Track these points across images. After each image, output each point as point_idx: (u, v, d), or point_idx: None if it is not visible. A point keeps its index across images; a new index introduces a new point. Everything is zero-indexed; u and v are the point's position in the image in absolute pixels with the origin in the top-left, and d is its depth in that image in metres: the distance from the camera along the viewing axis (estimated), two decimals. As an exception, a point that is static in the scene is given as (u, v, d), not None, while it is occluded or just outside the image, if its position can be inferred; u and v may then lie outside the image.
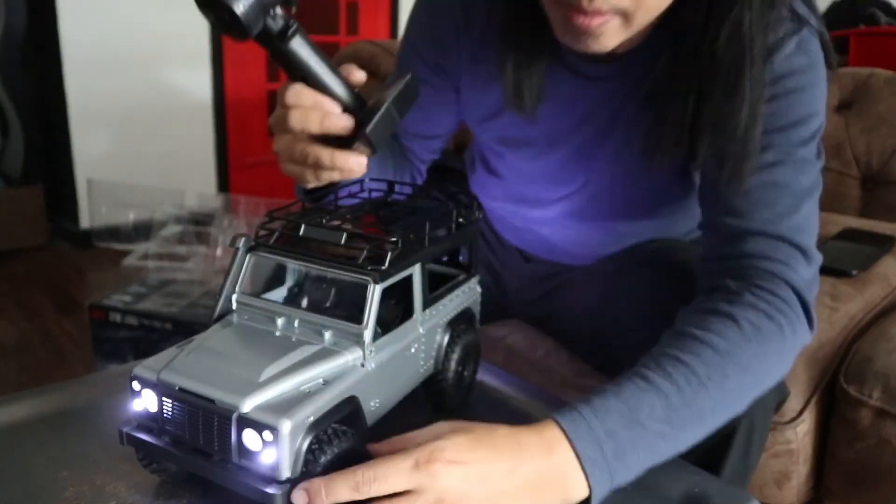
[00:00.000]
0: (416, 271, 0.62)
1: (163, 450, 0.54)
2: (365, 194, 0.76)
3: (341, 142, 0.65)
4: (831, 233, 1.31)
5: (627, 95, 0.81)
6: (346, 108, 0.65)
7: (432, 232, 0.64)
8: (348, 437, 0.54)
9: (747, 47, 0.68)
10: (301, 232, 0.61)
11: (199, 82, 3.18)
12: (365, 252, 0.58)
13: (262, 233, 0.63)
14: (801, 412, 0.99)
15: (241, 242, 0.61)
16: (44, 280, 2.67)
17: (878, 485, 0.99)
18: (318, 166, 0.66)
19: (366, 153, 0.66)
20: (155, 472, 0.58)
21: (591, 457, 0.56)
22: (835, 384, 1.02)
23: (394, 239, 0.59)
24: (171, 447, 0.54)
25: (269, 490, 0.50)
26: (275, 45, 0.61)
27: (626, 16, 0.66)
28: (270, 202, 2.10)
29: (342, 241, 0.59)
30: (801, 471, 1.02)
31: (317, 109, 0.64)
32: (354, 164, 0.65)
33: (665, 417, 0.60)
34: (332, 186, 0.75)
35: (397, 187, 0.77)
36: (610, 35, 0.68)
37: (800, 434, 1.00)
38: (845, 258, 1.20)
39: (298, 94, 0.64)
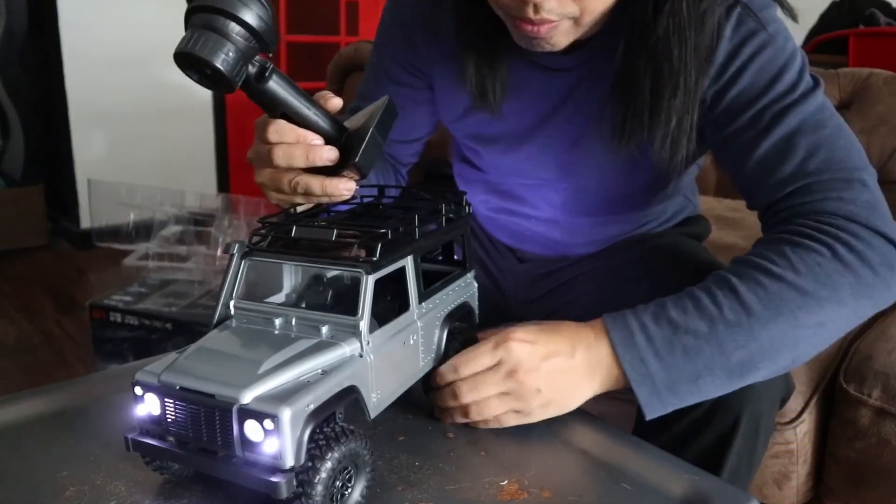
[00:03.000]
0: (408, 263, 0.63)
1: (168, 452, 0.55)
2: (356, 199, 0.76)
3: (328, 168, 0.67)
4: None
5: (592, 86, 0.82)
6: (328, 138, 0.66)
7: (423, 226, 0.65)
8: (351, 434, 0.54)
9: (684, 37, 0.70)
10: (293, 233, 0.62)
11: (199, 82, 3.19)
12: (356, 245, 0.58)
13: (256, 238, 0.63)
14: (800, 413, 1.00)
15: (236, 248, 0.62)
16: (44, 280, 2.67)
17: (878, 484, 0.99)
18: (308, 195, 0.68)
19: (354, 178, 0.67)
20: (158, 469, 0.58)
21: (624, 344, 0.67)
22: (835, 383, 1.03)
23: (383, 231, 0.60)
24: (177, 448, 0.54)
25: (274, 479, 0.51)
26: (252, 87, 0.62)
27: (574, 19, 0.69)
28: (270, 202, 2.09)
29: (333, 238, 0.60)
30: (800, 471, 1.02)
31: (301, 145, 0.65)
32: (345, 190, 0.67)
33: (697, 315, 0.66)
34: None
35: (388, 192, 0.78)
36: (561, 36, 0.71)
37: (799, 434, 1.00)
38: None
39: (280, 131, 0.65)
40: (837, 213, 0.68)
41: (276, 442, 0.50)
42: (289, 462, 0.51)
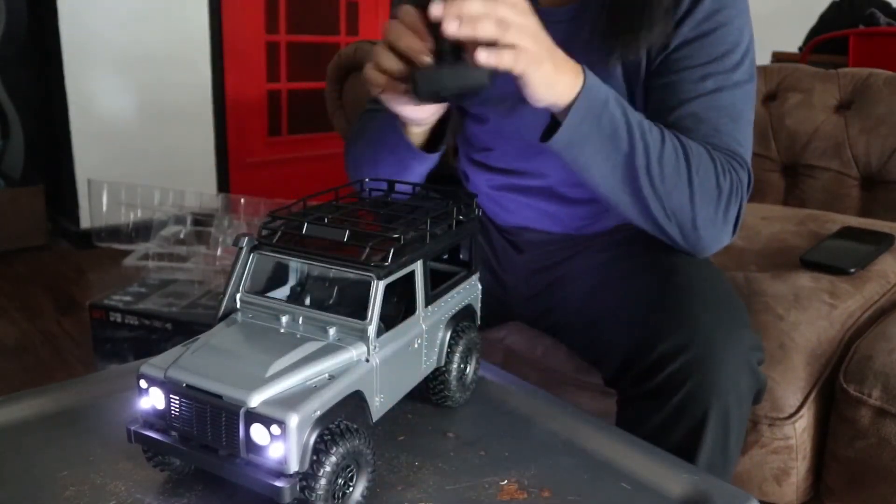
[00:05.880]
0: (418, 267, 0.63)
1: (170, 446, 0.55)
2: (365, 194, 0.76)
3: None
4: (830, 231, 1.31)
5: (588, 40, 0.90)
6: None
7: (433, 229, 0.65)
8: (354, 433, 0.54)
9: None
10: (304, 230, 0.62)
11: (199, 82, 3.18)
12: (367, 249, 0.58)
13: (265, 232, 0.63)
14: (799, 408, 1.00)
15: (245, 241, 0.62)
16: (44, 280, 2.67)
17: (878, 484, 0.99)
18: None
19: (411, 97, 0.74)
20: (158, 465, 0.58)
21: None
22: (834, 382, 1.03)
23: (396, 235, 0.60)
24: (179, 444, 0.54)
25: (278, 483, 0.51)
26: None
27: None
28: (270, 202, 2.10)
29: (345, 239, 0.60)
30: (800, 467, 1.02)
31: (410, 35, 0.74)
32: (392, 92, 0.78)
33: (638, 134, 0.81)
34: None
35: (398, 187, 0.78)
36: None
37: (798, 430, 1.00)
38: (844, 256, 1.20)
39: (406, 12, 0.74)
40: (738, 170, 0.88)
41: (281, 447, 0.50)
42: (293, 467, 0.51)
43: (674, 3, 0.87)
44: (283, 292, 0.67)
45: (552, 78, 0.76)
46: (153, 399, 0.55)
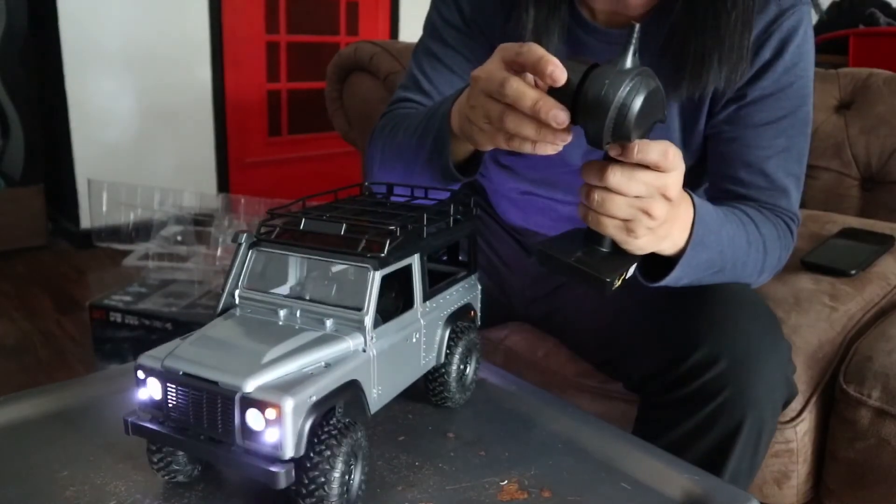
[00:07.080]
0: (415, 261, 0.63)
1: (168, 437, 0.55)
2: (365, 193, 0.77)
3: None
4: (831, 232, 1.31)
5: (651, 61, 0.84)
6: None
7: (430, 225, 0.65)
8: (354, 425, 0.54)
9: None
10: (302, 226, 0.62)
11: (199, 82, 3.18)
12: (364, 240, 0.58)
13: (264, 229, 0.64)
14: (801, 412, 1.00)
15: (244, 238, 0.62)
16: (44, 280, 2.67)
17: (878, 485, 0.99)
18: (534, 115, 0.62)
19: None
20: (161, 471, 0.58)
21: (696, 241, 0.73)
22: (834, 383, 1.03)
23: (392, 227, 0.60)
24: (176, 433, 0.54)
25: (273, 468, 0.51)
26: None
27: None
28: (270, 202, 2.10)
29: (341, 232, 0.60)
30: (800, 470, 1.02)
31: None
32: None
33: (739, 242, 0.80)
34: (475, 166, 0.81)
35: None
36: None
37: (800, 433, 1.00)
38: (844, 258, 1.20)
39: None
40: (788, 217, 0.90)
41: (276, 432, 0.50)
42: (289, 453, 0.51)
43: (754, 48, 0.83)
44: (281, 290, 0.67)
45: (670, 240, 0.72)
46: (151, 389, 0.55)
